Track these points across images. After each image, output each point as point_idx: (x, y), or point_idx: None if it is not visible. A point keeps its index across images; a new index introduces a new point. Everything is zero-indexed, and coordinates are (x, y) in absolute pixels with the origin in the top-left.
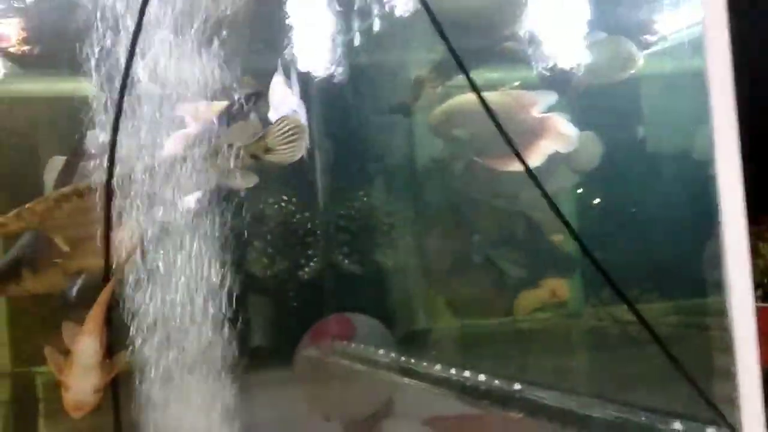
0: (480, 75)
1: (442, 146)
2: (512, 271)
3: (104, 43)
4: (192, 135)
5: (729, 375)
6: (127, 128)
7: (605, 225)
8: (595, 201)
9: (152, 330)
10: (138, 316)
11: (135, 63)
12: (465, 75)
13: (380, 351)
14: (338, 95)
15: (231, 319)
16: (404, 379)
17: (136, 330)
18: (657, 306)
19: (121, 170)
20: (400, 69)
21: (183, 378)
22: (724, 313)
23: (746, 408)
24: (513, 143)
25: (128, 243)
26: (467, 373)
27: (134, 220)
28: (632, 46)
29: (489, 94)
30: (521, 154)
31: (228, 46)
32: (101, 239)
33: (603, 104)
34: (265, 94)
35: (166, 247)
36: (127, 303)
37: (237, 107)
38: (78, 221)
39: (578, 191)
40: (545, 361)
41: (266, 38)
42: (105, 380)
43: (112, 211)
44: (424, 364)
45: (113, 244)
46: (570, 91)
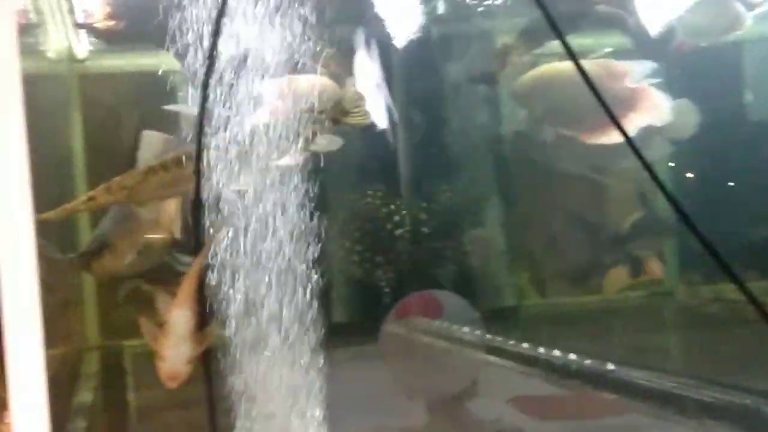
0: (569, 41)
1: (528, 117)
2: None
3: (188, 16)
4: (277, 112)
5: None
6: (213, 101)
7: (701, 198)
8: (690, 173)
9: (239, 304)
10: (225, 290)
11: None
12: (561, 41)
13: (466, 329)
14: (422, 65)
15: (317, 294)
16: (490, 358)
17: (224, 303)
18: (758, 285)
19: (210, 142)
20: (485, 37)
21: (270, 351)
22: None
23: None
24: (612, 113)
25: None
26: (557, 353)
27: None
28: (740, 6)
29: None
30: (613, 126)
31: (310, 18)
32: (191, 211)
33: (702, 69)
34: None
35: (252, 219)
36: (215, 276)
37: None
38: (164, 194)
39: (671, 163)
40: (636, 341)
41: (348, 8)
42: (197, 351)
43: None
44: (512, 343)
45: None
46: (666, 56)
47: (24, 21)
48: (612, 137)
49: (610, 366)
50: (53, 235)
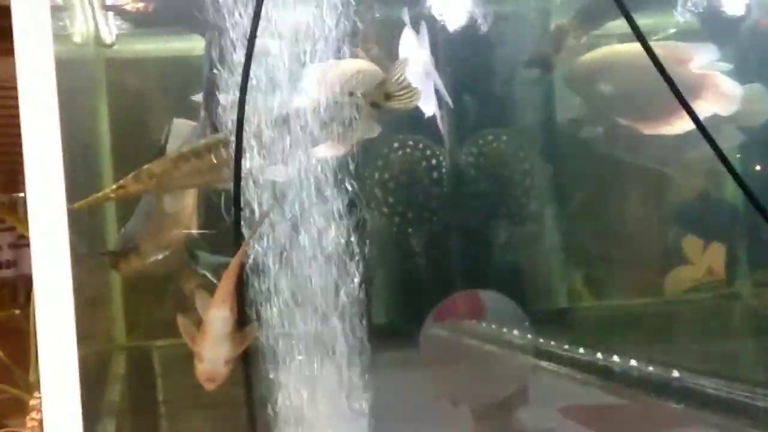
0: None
1: (584, 104)
2: None
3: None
4: (316, 98)
5: None
6: (249, 86)
7: None
8: (762, 164)
9: (274, 303)
10: (260, 288)
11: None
12: (628, 20)
13: (514, 331)
14: (471, 48)
15: (354, 294)
16: (541, 363)
17: (260, 302)
18: None
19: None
20: (540, 17)
21: (304, 356)
22: None
23: None
24: (684, 99)
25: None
26: (616, 358)
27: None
28: None
29: (635, 46)
30: (676, 115)
31: None
32: (233, 201)
33: None
34: None
35: (287, 211)
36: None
37: None
38: (195, 182)
39: (739, 155)
40: (702, 347)
41: None
42: (236, 352)
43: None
44: (565, 347)
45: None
46: (737, 37)
47: (51, 4)
48: (673, 128)
49: (675, 373)
50: (81, 231)
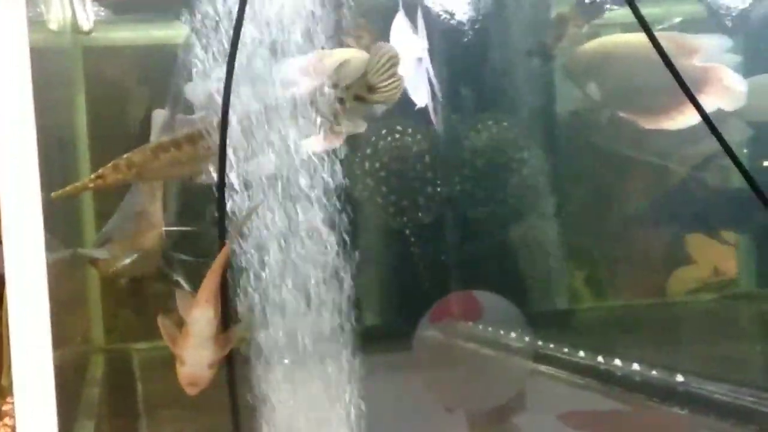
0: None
1: (584, 97)
2: None
3: None
4: (305, 92)
5: None
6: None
7: None
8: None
9: (260, 305)
10: (243, 287)
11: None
12: (632, 8)
13: (512, 334)
14: (469, 36)
15: (345, 294)
16: (540, 367)
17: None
18: None
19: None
20: (540, 4)
21: (294, 359)
22: None
23: None
24: (692, 94)
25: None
26: (618, 362)
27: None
28: None
29: (638, 36)
30: (677, 110)
31: None
32: (217, 197)
33: None
34: None
35: (272, 206)
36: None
37: None
38: (174, 173)
39: (747, 150)
40: (708, 351)
41: None
42: (220, 355)
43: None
44: (565, 350)
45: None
46: (745, 27)
47: None
48: (675, 122)
49: (680, 378)
50: (58, 228)
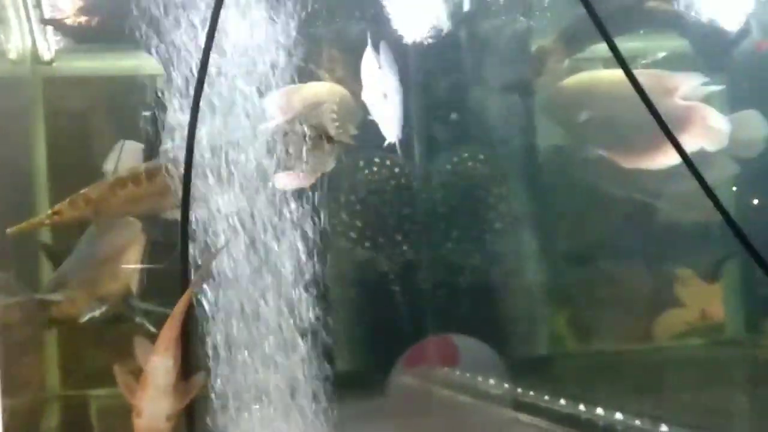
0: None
1: (565, 133)
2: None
3: (171, 14)
4: (279, 126)
5: None
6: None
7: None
8: (756, 199)
9: (225, 349)
10: (209, 333)
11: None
12: (608, 44)
13: (490, 380)
14: (445, 70)
15: (314, 338)
16: (519, 416)
17: (208, 349)
18: None
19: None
20: (519, 38)
21: (261, 405)
22: None
23: None
24: (670, 132)
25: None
26: (600, 411)
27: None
28: None
29: (618, 72)
30: (658, 150)
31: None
32: (179, 238)
33: None
34: None
35: (238, 247)
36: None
37: None
38: (133, 210)
39: (734, 187)
40: (696, 399)
41: (358, 5)
42: (179, 405)
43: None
44: (546, 398)
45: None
46: (731, 61)
47: None
48: (655, 162)
49: (664, 427)
50: (14, 269)
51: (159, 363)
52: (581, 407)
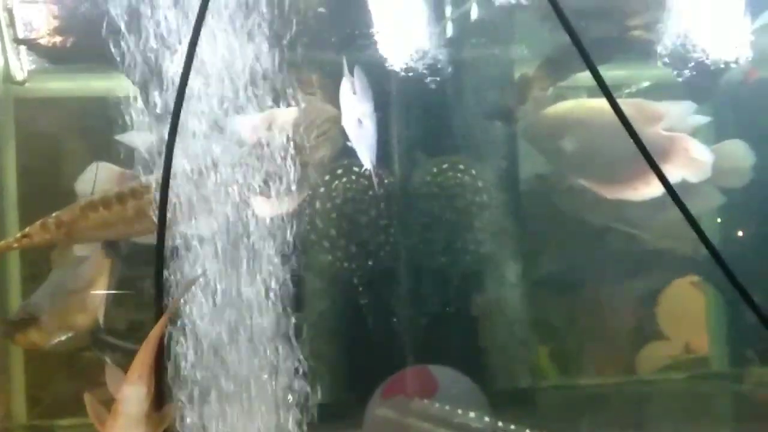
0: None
1: (547, 162)
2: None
3: (146, 34)
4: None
5: None
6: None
7: (758, 259)
8: (741, 230)
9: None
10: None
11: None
12: (592, 72)
13: (470, 413)
14: (427, 98)
15: (290, 369)
16: None
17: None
18: None
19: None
20: (503, 66)
21: None
22: None
23: None
24: (655, 163)
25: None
26: None
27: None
28: None
29: (601, 101)
30: (641, 180)
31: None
32: (155, 266)
33: (760, 105)
34: None
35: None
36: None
37: None
38: (104, 234)
39: (720, 218)
40: None
41: (339, 29)
42: None
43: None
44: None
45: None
46: (717, 91)
47: None
48: (638, 193)
49: None
50: None
51: (131, 392)
52: None
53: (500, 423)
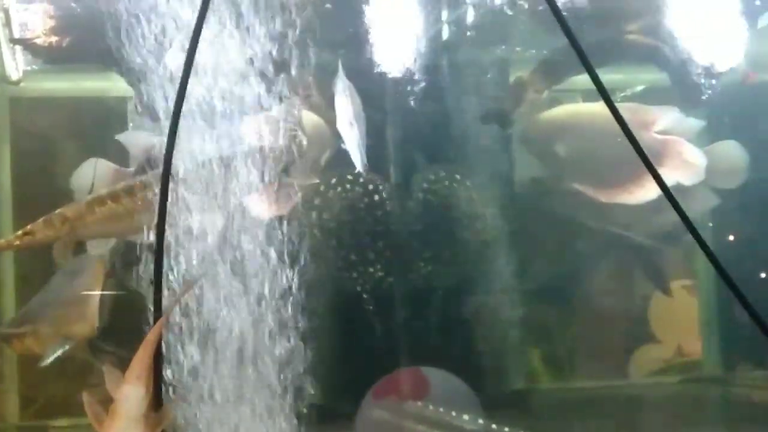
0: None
1: (542, 165)
2: None
3: (144, 34)
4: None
5: None
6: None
7: (752, 261)
8: (738, 230)
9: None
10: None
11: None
12: (590, 75)
13: (463, 415)
14: (422, 100)
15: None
16: None
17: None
18: None
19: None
20: (498, 69)
21: None
22: None
23: None
24: (652, 165)
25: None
26: None
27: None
28: None
29: (596, 106)
30: (635, 184)
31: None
32: (154, 265)
33: (756, 106)
34: None
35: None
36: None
37: None
38: (110, 229)
39: (712, 222)
40: None
41: (334, 31)
42: None
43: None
44: None
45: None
46: (714, 94)
47: None
48: (632, 196)
49: None
50: None
51: (130, 392)
52: None
53: (494, 425)
